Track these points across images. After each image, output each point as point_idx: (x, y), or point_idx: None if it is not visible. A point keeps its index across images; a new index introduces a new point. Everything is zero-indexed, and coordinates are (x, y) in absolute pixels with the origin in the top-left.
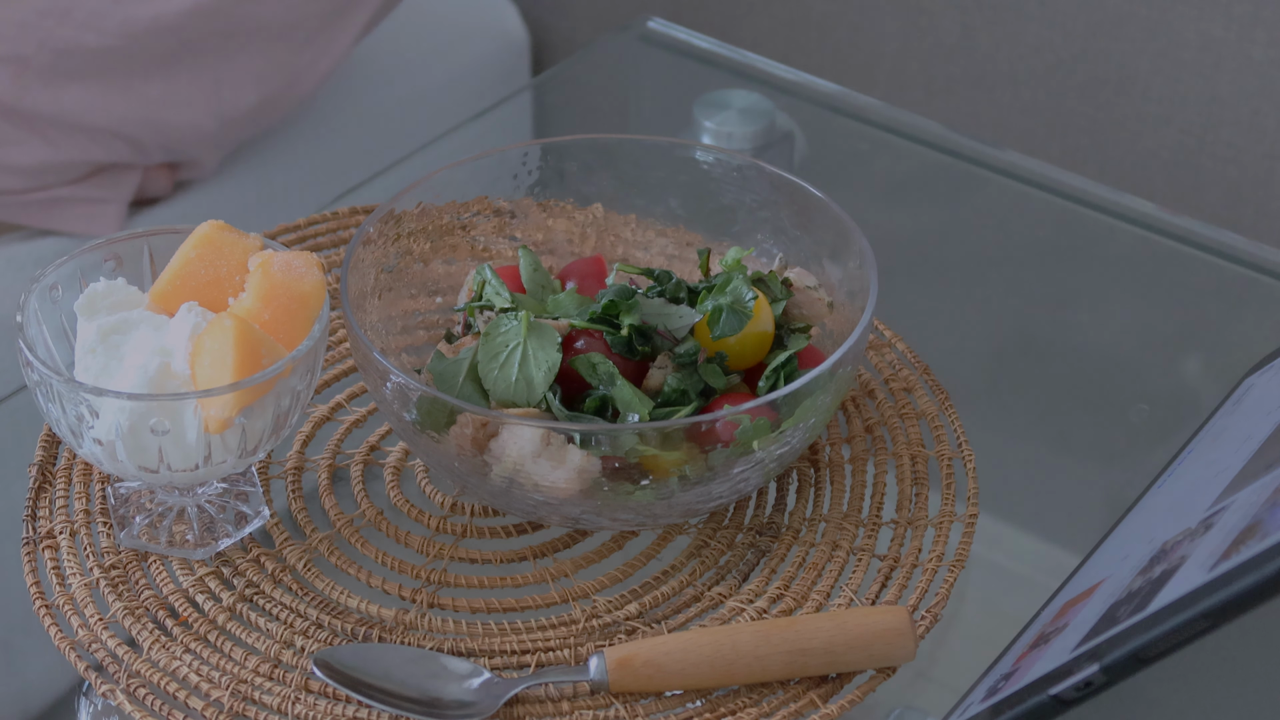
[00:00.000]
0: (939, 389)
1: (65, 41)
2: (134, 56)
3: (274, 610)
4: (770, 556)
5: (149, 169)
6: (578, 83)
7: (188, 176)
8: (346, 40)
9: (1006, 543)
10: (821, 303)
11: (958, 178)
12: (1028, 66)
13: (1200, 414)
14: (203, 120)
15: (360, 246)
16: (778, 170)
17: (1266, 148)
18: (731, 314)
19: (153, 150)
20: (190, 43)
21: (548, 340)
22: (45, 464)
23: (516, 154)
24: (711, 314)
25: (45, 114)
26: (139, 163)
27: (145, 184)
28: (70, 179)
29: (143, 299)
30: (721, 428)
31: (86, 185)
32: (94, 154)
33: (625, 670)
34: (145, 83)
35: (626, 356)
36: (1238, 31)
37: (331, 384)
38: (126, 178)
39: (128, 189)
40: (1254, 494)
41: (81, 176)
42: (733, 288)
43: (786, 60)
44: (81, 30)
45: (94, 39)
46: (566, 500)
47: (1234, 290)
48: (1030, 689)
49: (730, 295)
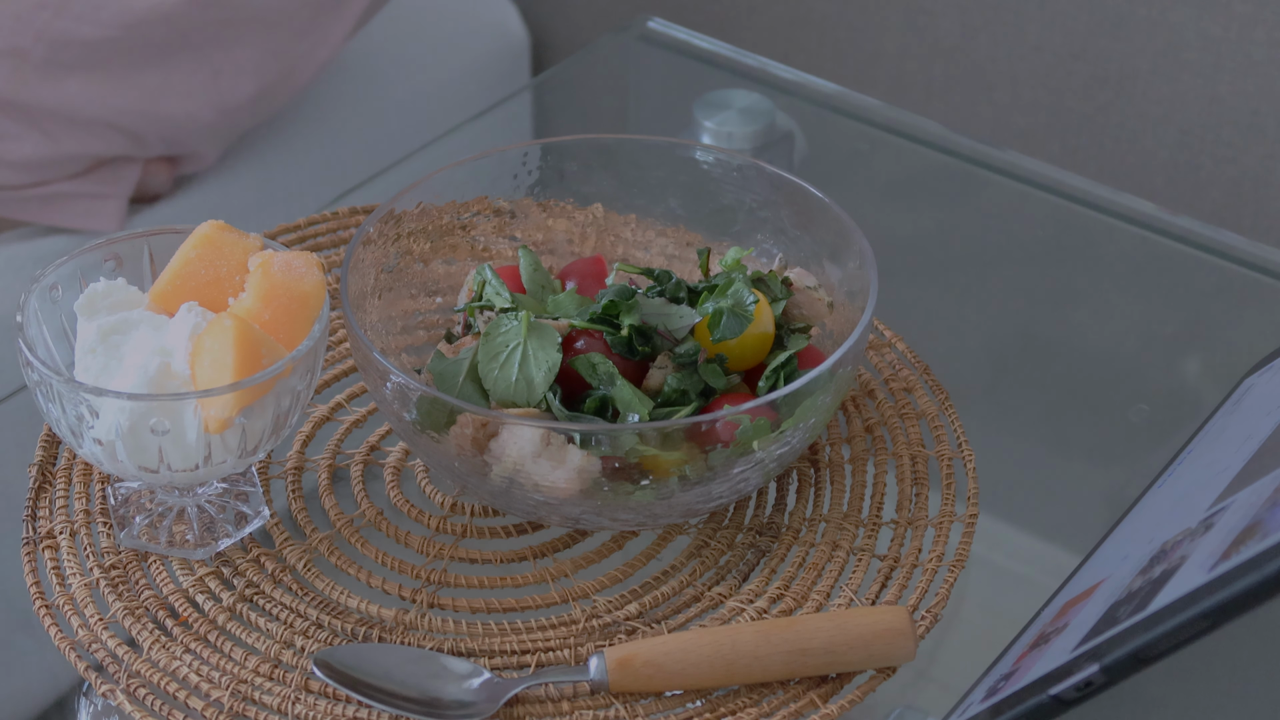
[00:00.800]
0: (939, 389)
1: (62, 33)
2: (131, 47)
3: (274, 610)
4: (770, 556)
5: (149, 163)
6: (578, 83)
7: (188, 171)
8: (344, 28)
9: (1006, 543)
10: (821, 303)
11: (958, 178)
12: (1028, 66)
13: (1200, 414)
14: (201, 110)
15: (360, 246)
16: (778, 170)
17: (1266, 148)
18: (732, 317)
19: (152, 142)
20: (187, 32)
21: (548, 340)
22: (45, 464)
23: (516, 154)
24: (712, 317)
25: (43, 107)
26: (138, 155)
27: (145, 179)
28: (70, 174)
29: (143, 299)
30: (721, 428)
31: (86, 180)
32: (93, 147)
33: (625, 670)
34: (143, 73)
35: (627, 356)
36: (1238, 31)
37: (331, 384)
38: (126, 172)
39: (128, 184)
40: (1254, 494)
41: (81, 171)
42: (734, 291)
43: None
44: (78, 22)
45: (91, 30)
46: (566, 500)
47: (1234, 290)
48: (1030, 689)
49: (731, 298)
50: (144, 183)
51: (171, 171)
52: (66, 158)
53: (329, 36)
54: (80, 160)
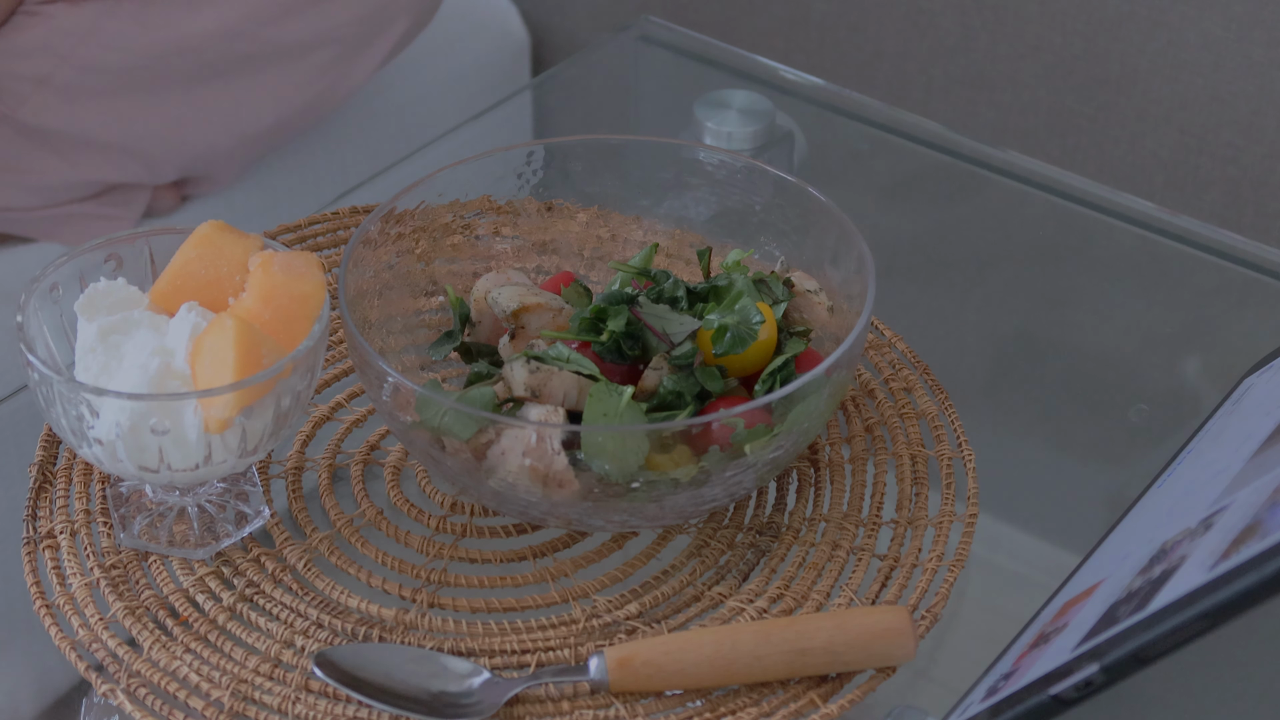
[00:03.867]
0: (939, 389)
1: (89, 61)
2: (156, 76)
3: (274, 610)
4: (770, 556)
5: (159, 187)
6: (578, 83)
7: (196, 193)
8: (370, 66)
9: (1006, 543)
10: (821, 307)
11: (958, 178)
12: (1028, 66)
13: (1200, 414)
14: (220, 139)
15: (360, 246)
16: (780, 172)
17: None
18: (736, 336)
19: (167, 170)
20: (213, 64)
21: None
22: (45, 464)
23: (518, 154)
24: (717, 331)
25: (64, 132)
26: (152, 182)
27: (154, 201)
28: (82, 196)
29: (143, 299)
30: (716, 431)
31: (98, 203)
32: (109, 174)
33: (625, 670)
34: (165, 102)
35: (616, 362)
36: (1238, 31)
37: (331, 384)
38: (137, 196)
39: (138, 207)
40: (1254, 494)
41: (93, 194)
42: (741, 306)
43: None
44: (106, 50)
45: (117, 59)
46: (560, 501)
47: (1234, 290)
48: (1030, 689)
49: (738, 315)
50: (153, 205)
51: (179, 193)
52: (82, 182)
53: (354, 72)
54: (94, 184)
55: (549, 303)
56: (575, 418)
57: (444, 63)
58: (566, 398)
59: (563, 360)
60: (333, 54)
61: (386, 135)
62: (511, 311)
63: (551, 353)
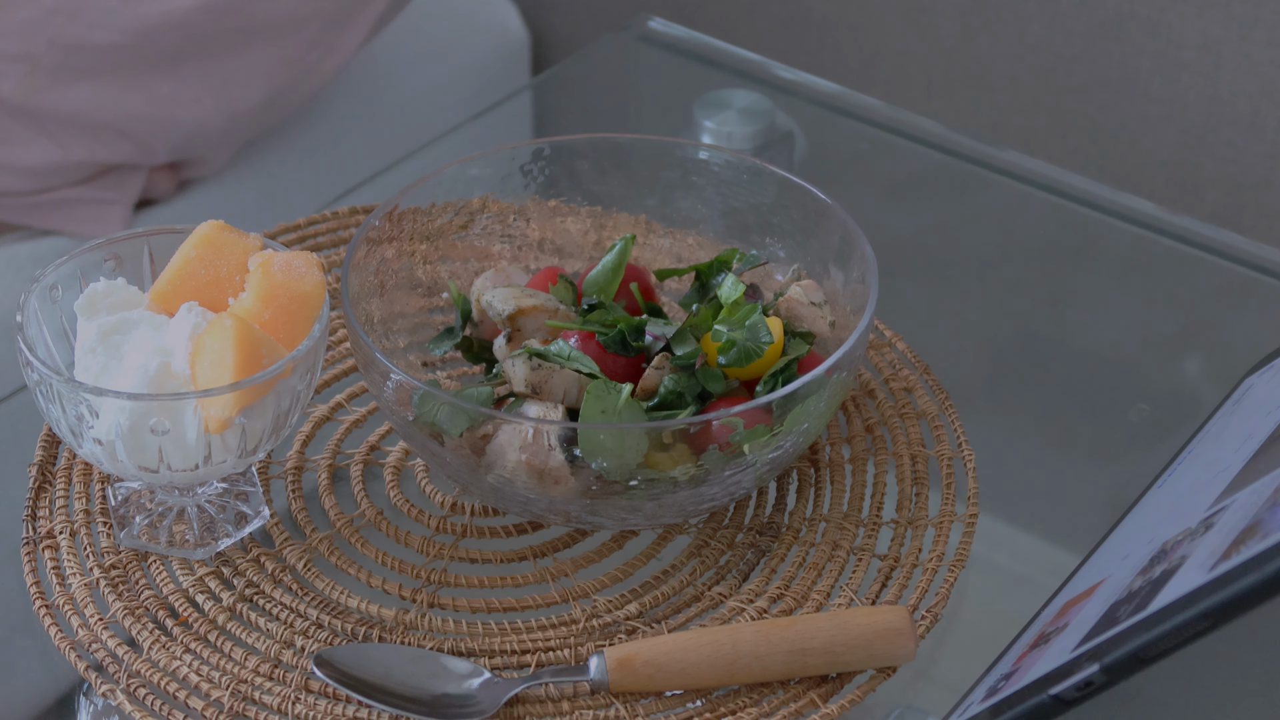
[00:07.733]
0: (939, 389)
1: (74, 39)
2: (143, 54)
3: (274, 610)
4: (770, 556)
5: (154, 169)
6: (578, 83)
7: (192, 176)
8: (356, 38)
9: (1006, 543)
10: (824, 320)
11: (958, 178)
12: (1028, 66)
13: (1200, 414)
14: (211, 117)
15: (361, 246)
16: (785, 173)
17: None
18: (743, 351)
19: (159, 150)
20: (199, 40)
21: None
22: (45, 464)
23: (520, 153)
24: (724, 345)
25: (53, 113)
26: (145, 163)
27: (150, 185)
28: (76, 180)
29: (143, 299)
30: (716, 431)
31: (92, 186)
32: (100, 154)
33: (625, 670)
34: (153, 80)
35: (621, 353)
36: (1238, 31)
37: (331, 384)
38: (131, 179)
39: (133, 190)
40: (1254, 494)
41: (87, 178)
42: (752, 323)
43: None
44: (91, 28)
45: (103, 36)
46: (560, 498)
47: (1234, 290)
48: (1030, 689)
49: (747, 332)
50: (148, 188)
51: (175, 177)
52: (74, 164)
53: (341, 45)
54: (87, 167)
55: (544, 304)
56: (575, 415)
57: (444, 62)
58: (567, 395)
59: (564, 358)
60: (319, 26)
61: (386, 135)
62: (507, 315)
63: (553, 350)
